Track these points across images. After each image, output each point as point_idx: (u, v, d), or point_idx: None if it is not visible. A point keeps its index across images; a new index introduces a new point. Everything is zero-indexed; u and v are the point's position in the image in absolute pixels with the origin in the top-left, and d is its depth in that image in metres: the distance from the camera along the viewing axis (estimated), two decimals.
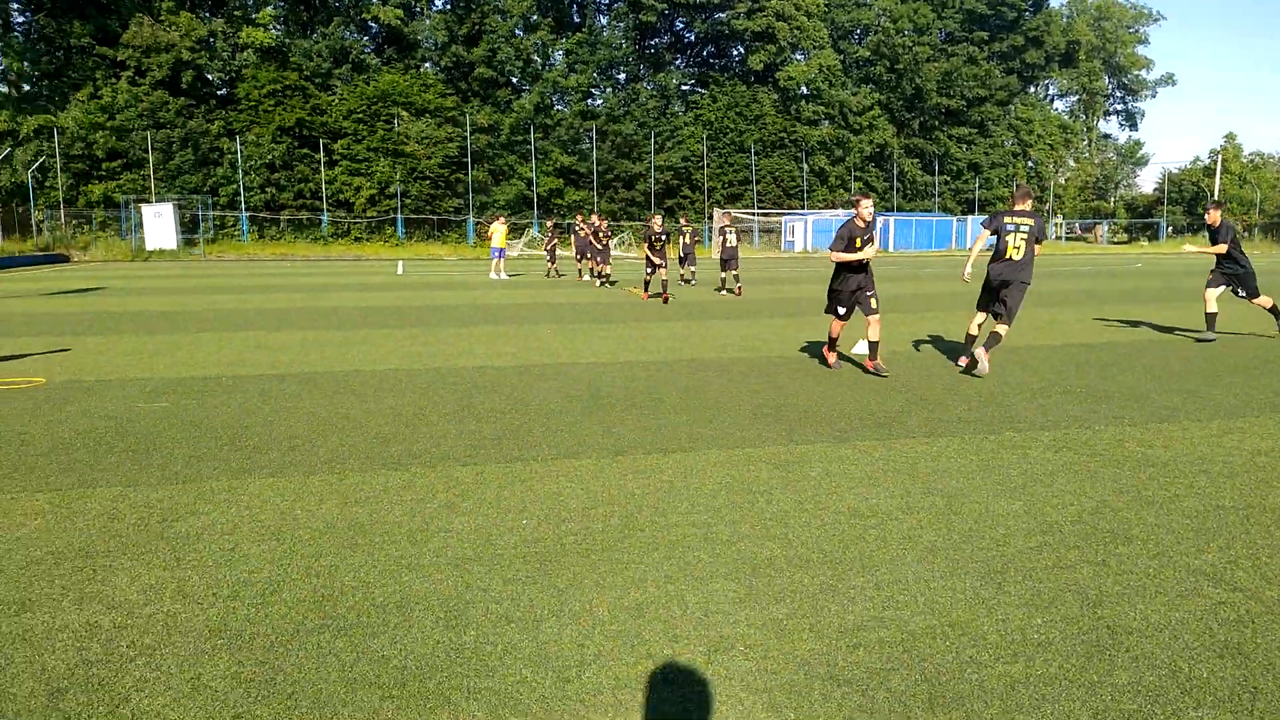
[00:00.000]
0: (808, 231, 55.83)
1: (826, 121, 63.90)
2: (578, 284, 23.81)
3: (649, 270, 17.90)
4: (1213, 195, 70.37)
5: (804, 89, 63.39)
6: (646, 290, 18.35)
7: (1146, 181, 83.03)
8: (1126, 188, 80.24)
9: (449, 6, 56.60)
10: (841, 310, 8.69)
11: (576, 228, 26.87)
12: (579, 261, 26.48)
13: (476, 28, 55.21)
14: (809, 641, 3.05)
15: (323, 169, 49.93)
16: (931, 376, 8.48)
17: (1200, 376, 8.38)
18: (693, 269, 22.81)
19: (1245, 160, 74.66)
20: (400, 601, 3.39)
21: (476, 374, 8.66)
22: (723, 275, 20.24)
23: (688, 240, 23.13)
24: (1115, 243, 70.87)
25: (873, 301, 8.56)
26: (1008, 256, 8.61)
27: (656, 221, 17.90)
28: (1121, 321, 13.52)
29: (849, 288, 8.59)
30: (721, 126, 60.76)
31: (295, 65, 51.35)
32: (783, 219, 57.09)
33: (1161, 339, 11.40)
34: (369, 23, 56.06)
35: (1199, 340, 11.10)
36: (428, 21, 55.55)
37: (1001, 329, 8.61)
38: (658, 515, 4.39)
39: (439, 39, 55.28)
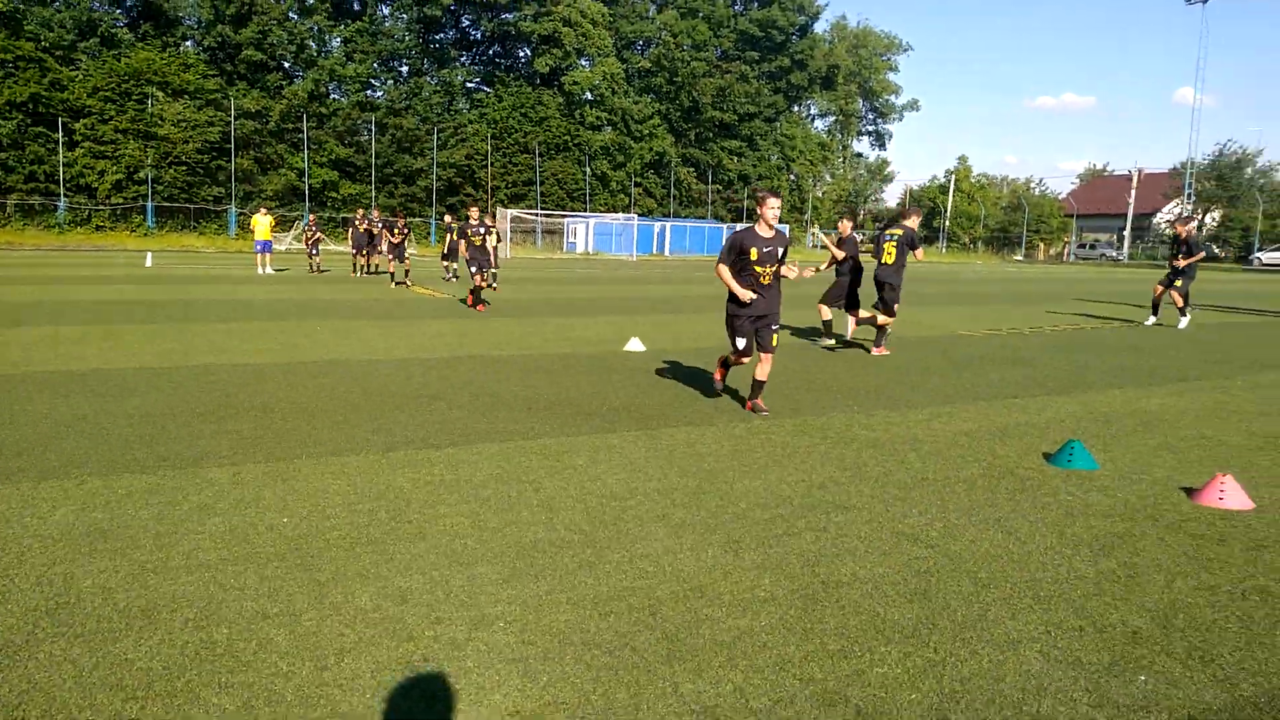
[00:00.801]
0: (589, 234, 56.84)
1: (609, 127, 65.27)
2: (351, 280, 22.97)
3: (475, 270, 15.44)
4: (945, 211, 78.57)
5: (588, 95, 64.41)
6: (475, 298, 15.64)
7: (892, 196, 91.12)
8: (875, 202, 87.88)
9: None
10: (741, 343, 6.92)
11: (355, 222, 25.90)
12: (356, 257, 25.58)
13: (246, 7, 51.57)
14: (565, 613, 3.26)
15: (61, 150, 44.85)
16: (697, 374, 9.02)
17: (920, 371, 9.47)
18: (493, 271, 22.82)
19: (974, 180, 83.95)
20: (146, 606, 3.27)
21: (236, 372, 8.25)
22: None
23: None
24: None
25: (773, 337, 6.95)
26: (883, 261, 10.78)
27: (474, 212, 15.98)
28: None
29: (752, 312, 6.86)
30: (506, 126, 60.53)
31: (31, 35, 45.78)
32: (565, 221, 57.76)
33: (900, 338, 12.71)
34: None
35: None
36: None
37: (884, 320, 10.74)
38: (426, 507, 4.46)
39: (203, 16, 51.23)
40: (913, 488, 4.98)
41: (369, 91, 58.18)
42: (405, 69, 61.45)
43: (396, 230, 22.35)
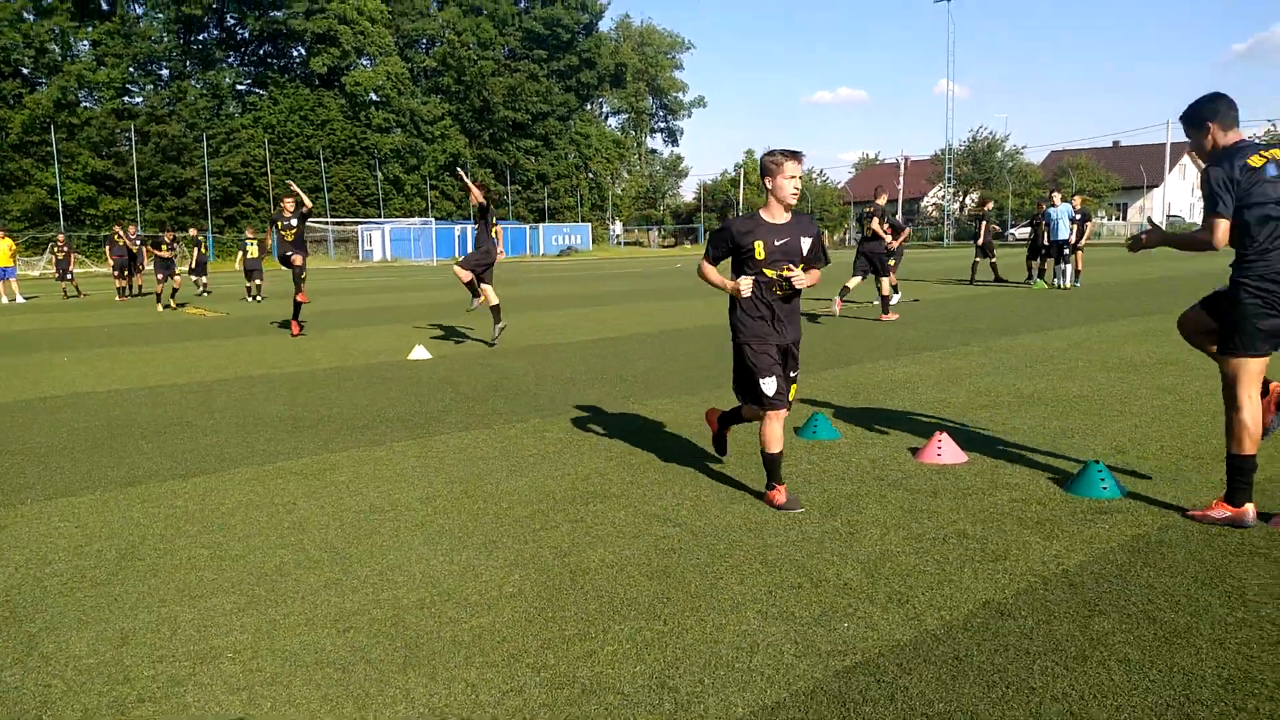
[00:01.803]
0: (385, 240, 55.12)
1: (398, 130, 63.47)
2: (115, 305, 21.14)
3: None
4: (737, 205, 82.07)
5: (373, 95, 62.30)
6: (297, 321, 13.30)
7: (687, 191, 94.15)
8: (672, 197, 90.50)
9: None
10: (770, 385, 4.44)
11: (112, 239, 23.75)
12: (117, 279, 23.54)
13: None
14: (301, 635, 3.18)
15: None
16: (477, 374, 8.98)
17: (704, 357, 9.89)
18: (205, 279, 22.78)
19: None
20: None
21: None
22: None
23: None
24: (664, 246, 79.57)
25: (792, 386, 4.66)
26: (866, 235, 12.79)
27: (289, 205, 13.49)
28: (645, 315, 15.36)
29: (780, 339, 4.51)
30: (285, 131, 57.52)
31: None
32: (359, 228, 55.68)
33: (673, 329, 13.17)
34: None
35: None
36: None
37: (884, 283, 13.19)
38: (163, 542, 4.20)
39: None
40: (669, 471, 5.21)
41: (126, 98, 53.56)
42: (166, 73, 57.04)
43: (164, 246, 20.51)
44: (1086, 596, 3.30)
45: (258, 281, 21.17)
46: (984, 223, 21.16)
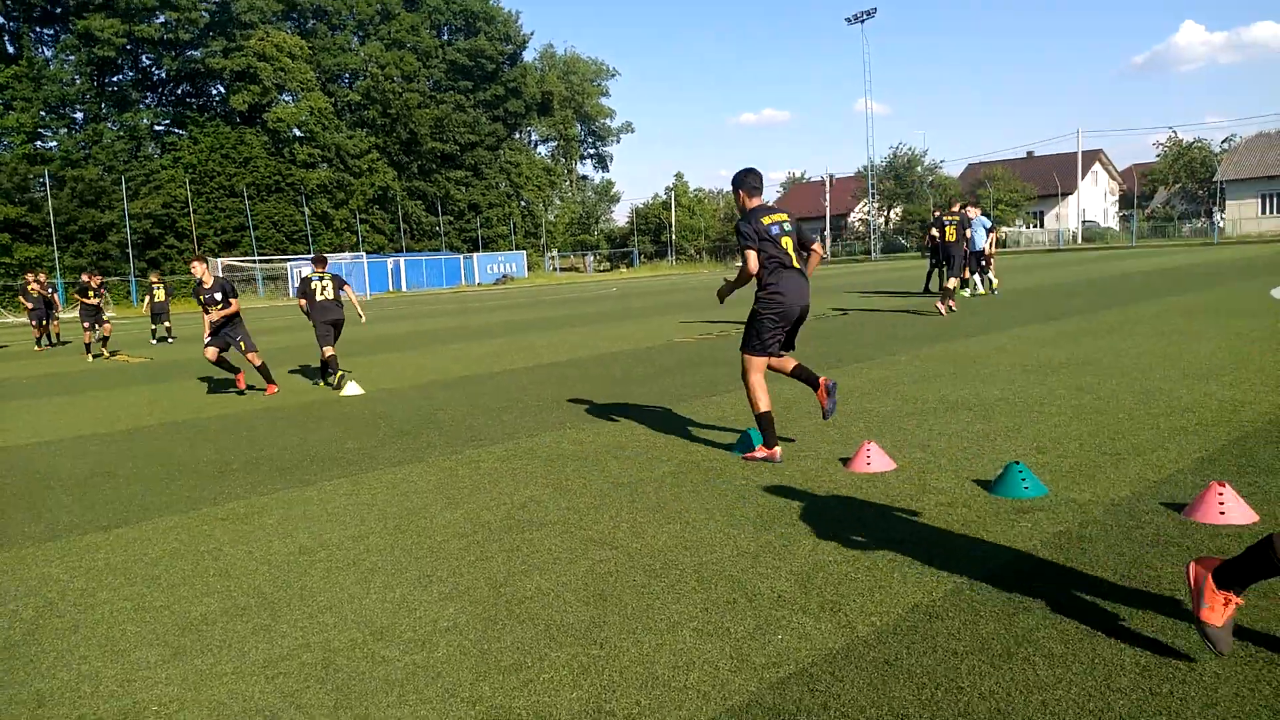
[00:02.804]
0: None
1: (324, 165, 62.66)
2: (35, 354, 20.38)
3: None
4: (670, 227, 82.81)
5: (296, 131, 61.46)
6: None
7: (620, 215, 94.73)
8: (605, 222, 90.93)
9: None
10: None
11: (28, 288, 22.89)
12: (37, 329, 22.69)
13: None
14: (228, 684, 3.10)
15: None
16: (411, 407, 8.88)
17: (638, 380, 9.93)
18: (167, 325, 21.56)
19: (692, 195, 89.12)
20: None
21: None
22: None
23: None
24: (600, 270, 79.78)
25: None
26: (946, 239, 13.96)
27: (197, 268, 12.02)
28: (578, 340, 15.38)
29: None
30: (207, 170, 56.35)
31: None
32: (288, 264, 54.67)
33: (607, 353, 13.21)
34: None
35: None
36: None
37: (952, 283, 14.71)
38: (84, 596, 4.06)
39: None
40: (608, 494, 5.21)
41: (39, 143, 51.94)
42: (80, 115, 55.46)
43: (90, 292, 19.54)
44: (1010, 596, 3.39)
45: (166, 324, 21.24)
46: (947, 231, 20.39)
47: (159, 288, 21.53)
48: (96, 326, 18.86)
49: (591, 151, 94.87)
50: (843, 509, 4.62)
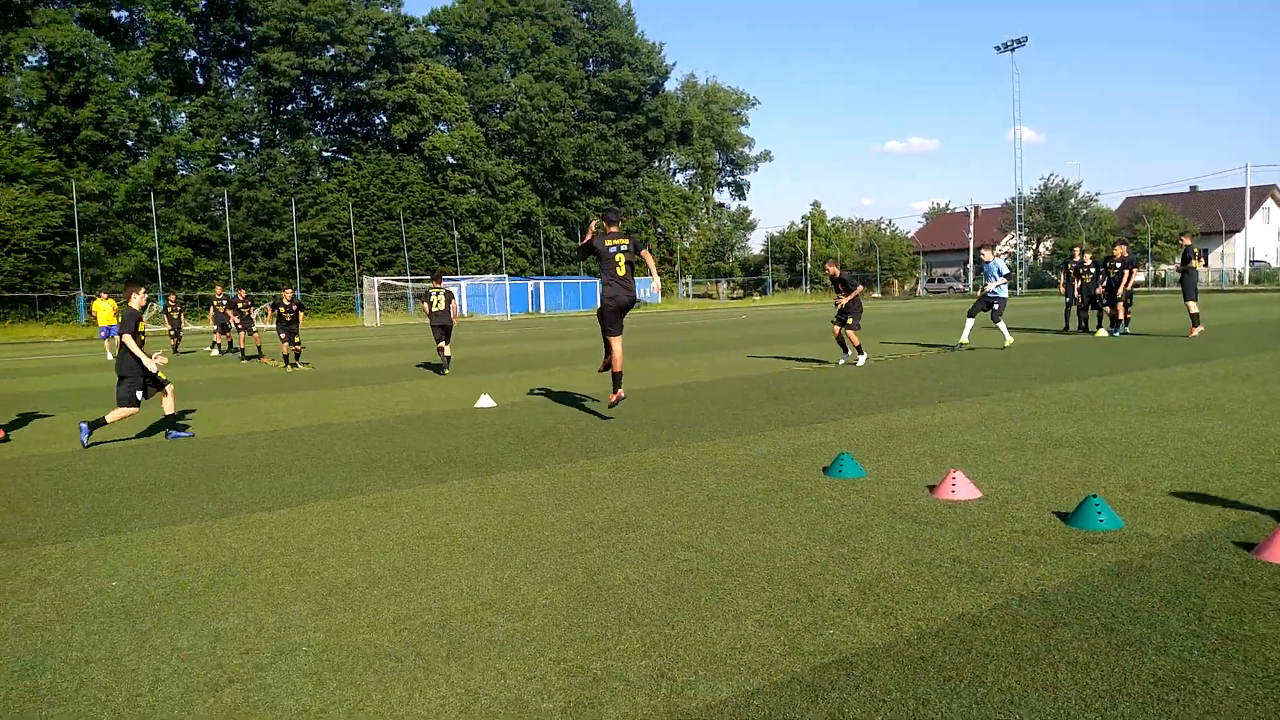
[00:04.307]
0: (462, 295, 56.97)
1: (474, 190, 65.93)
2: (208, 359, 22.59)
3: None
4: (805, 256, 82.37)
5: (449, 158, 65.03)
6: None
7: (755, 243, 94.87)
8: (740, 249, 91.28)
9: (47, 64, 50.69)
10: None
11: (217, 301, 25.55)
12: (218, 336, 25.20)
13: (82, 87, 49.94)
14: (364, 634, 3.74)
15: None
16: (536, 420, 9.59)
17: (748, 404, 10.33)
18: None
19: (829, 224, 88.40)
20: None
21: (75, 458, 8.32)
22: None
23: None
24: (733, 298, 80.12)
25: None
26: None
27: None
28: (703, 365, 15.85)
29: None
30: (368, 194, 60.34)
31: None
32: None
33: (725, 378, 13.63)
34: None
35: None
36: (19, 79, 49.28)
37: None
38: (251, 562, 4.84)
39: (35, 97, 49.24)
40: (701, 504, 5.68)
41: (220, 165, 57.02)
42: (257, 141, 60.55)
43: (284, 308, 20.85)
44: (1055, 611, 3.65)
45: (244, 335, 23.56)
46: (840, 284, 15.08)
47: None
48: (290, 340, 19.96)
49: (729, 179, 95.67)
50: (918, 530, 4.92)
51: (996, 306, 16.75)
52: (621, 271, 9.08)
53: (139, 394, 9.10)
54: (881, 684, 3.07)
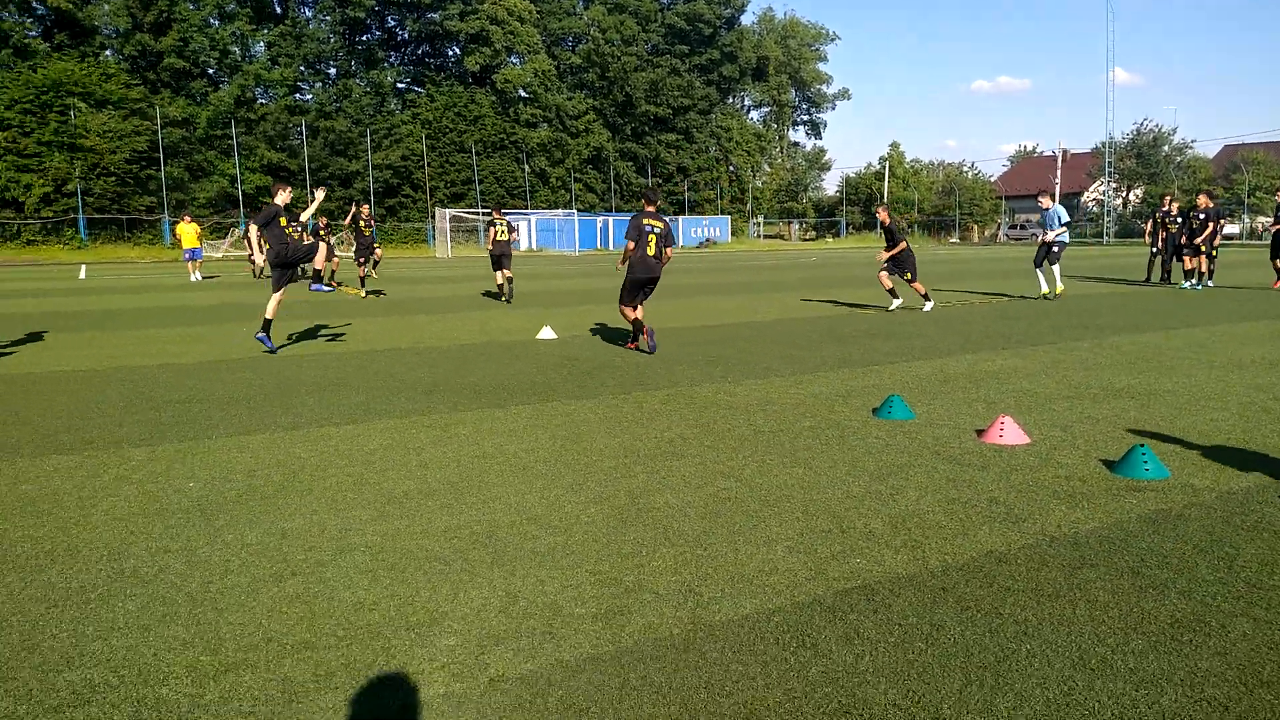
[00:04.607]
0: (531, 230, 57.38)
1: (545, 124, 65.75)
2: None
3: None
4: (882, 198, 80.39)
5: (521, 92, 64.84)
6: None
7: (830, 184, 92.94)
8: (814, 190, 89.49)
9: None
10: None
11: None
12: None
13: (165, 15, 51.01)
14: (417, 540, 3.99)
15: None
16: (594, 353, 9.78)
17: (807, 344, 10.35)
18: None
19: (908, 166, 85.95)
20: (68, 547, 3.92)
21: (159, 371, 8.81)
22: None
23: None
24: (805, 239, 78.94)
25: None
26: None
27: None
28: (767, 305, 15.82)
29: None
30: (441, 126, 60.69)
31: None
32: (507, 218, 58.08)
33: (789, 318, 13.60)
34: (34, 4, 50.03)
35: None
36: (106, 7, 50.50)
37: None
38: (317, 471, 5.15)
39: (121, 25, 50.50)
40: (747, 438, 5.80)
41: (297, 95, 57.92)
42: (333, 71, 61.26)
43: (363, 224, 20.60)
44: (1084, 553, 3.70)
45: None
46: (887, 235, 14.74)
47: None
48: (368, 260, 20.05)
49: (805, 118, 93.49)
50: (959, 472, 4.97)
51: (1056, 249, 15.98)
52: (651, 251, 9.78)
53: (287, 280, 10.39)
54: (899, 609, 3.19)
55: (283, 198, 10.21)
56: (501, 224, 17.25)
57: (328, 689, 2.72)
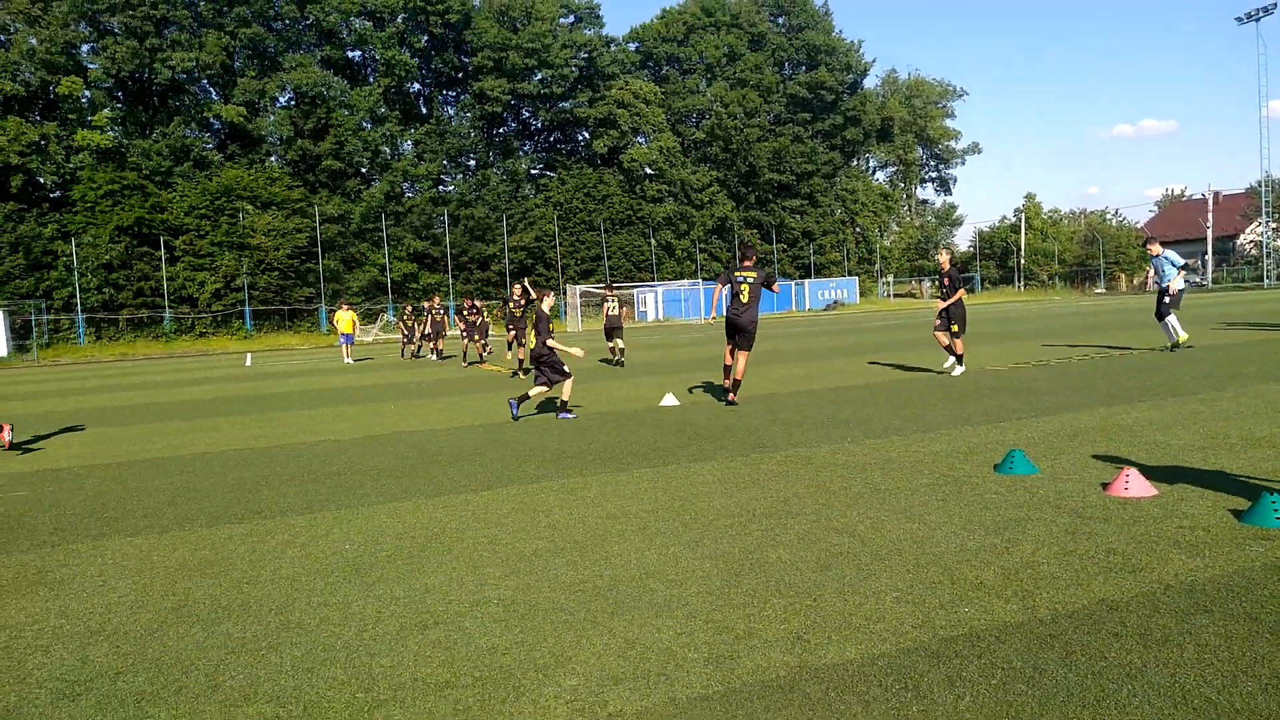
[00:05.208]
0: (659, 301, 58.55)
1: (670, 199, 67.47)
2: (426, 363, 24.73)
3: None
4: (1020, 249, 77.77)
5: (647, 169, 66.96)
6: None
7: (963, 240, 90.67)
8: (946, 246, 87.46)
9: (294, 103, 57.14)
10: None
11: (434, 311, 27.90)
12: (406, 345, 28.14)
13: (323, 122, 55.91)
14: (546, 593, 4.32)
15: (164, 265, 48.94)
16: (715, 418, 10.03)
17: (931, 403, 10.27)
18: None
19: (1045, 216, 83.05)
20: (242, 603, 4.46)
21: (318, 447, 9.63)
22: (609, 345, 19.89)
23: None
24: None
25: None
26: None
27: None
28: (892, 365, 15.67)
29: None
30: (571, 207, 63.28)
31: (134, 165, 50.54)
32: (634, 291, 59.57)
33: (913, 377, 13.45)
34: (211, 120, 55.85)
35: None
36: (272, 118, 55.82)
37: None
38: (456, 533, 5.59)
39: (284, 134, 55.62)
40: (862, 495, 5.90)
41: (440, 187, 61.78)
42: (473, 162, 65.08)
43: (465, 313, 23.75)
44: (1199, 599, 3.66)
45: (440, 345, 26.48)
46: (944, 282, 14.21)
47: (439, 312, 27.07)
48: (471, 340, 23.13)
49: (933, 174, 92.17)
50: (1078, 525, 4.93)
51: (1168, 299, 15.06)
52: (745, 299, 11.00)
53: (549, 375, 11.01)
54: (1004, 655, 3.26)
55: (548, 303, 11.33)
56: (613, 299, 19.13)
57: None
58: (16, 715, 3.31)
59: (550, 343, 10.90)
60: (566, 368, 11.02)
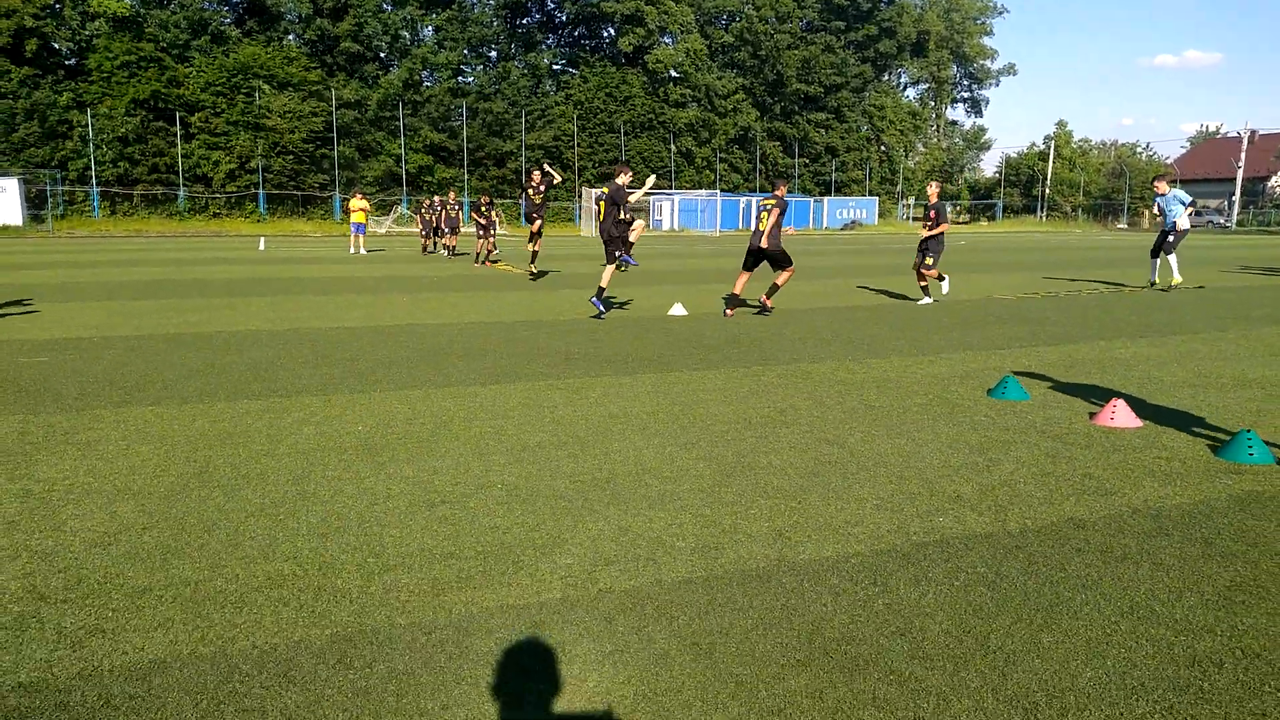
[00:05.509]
0: (674, 211, 58.00)
1: (693, 104, 66.05)
2: (438, 259, 24.82)
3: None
4: (1046, 178, 76.39)
5: (672, 72, 65.34)
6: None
7: (989, 165, 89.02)
8: (971, 171, 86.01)
9: None
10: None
11: (422, 210, 28.06)
12: (425, 240, 28.02)
13: (342, 1, 54.47)
14: (547, 481, 4.57)
15: (179, 142, 48.51)
16: (721, 329, 10.19)
17: (936, 327, 10.41)
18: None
19: (1075, 146, 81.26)
20: (260, 472, 4.72)
21: (331, 333, 9.85)
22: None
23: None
24: (958, 222, 76.03)
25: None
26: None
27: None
28: (900, 291, 15.74)
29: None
30: (592, 107, 62.04)
31: (151, 36, 49.54)
32: (651, 199, 58.91)
33: (925, 303, 13.53)
34: None
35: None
36: None
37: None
38: (464, 422, 5.83)
39: (303, 11, 54.23)
40: (856, 411, 6.11)
41: (460, 78, 60.45)
42: (494, 54, 63.54)
43: (482, 210, 23.51)
44: (1162, 524, 3.87)
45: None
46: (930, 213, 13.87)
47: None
48: (485, 239, 22.79)
49: (965, 95, 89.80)
50: (1060, 449, 5.13)
51: (1172, 238, 14.91)
52: (763, 226, 11.69)
53: (619, 254, 11.50)
54: (969, 560, 3.50)
55: (624, 179, 11.28)
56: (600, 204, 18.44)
57: (467, 588, 3.31)
58: (53, 559, 3.59)
59: (617, 214, 11.32)
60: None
